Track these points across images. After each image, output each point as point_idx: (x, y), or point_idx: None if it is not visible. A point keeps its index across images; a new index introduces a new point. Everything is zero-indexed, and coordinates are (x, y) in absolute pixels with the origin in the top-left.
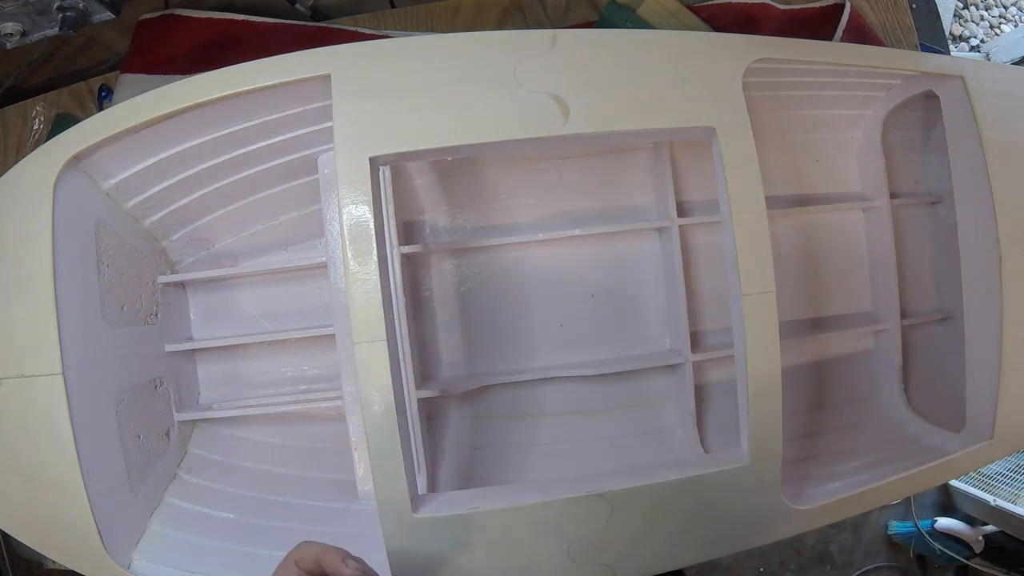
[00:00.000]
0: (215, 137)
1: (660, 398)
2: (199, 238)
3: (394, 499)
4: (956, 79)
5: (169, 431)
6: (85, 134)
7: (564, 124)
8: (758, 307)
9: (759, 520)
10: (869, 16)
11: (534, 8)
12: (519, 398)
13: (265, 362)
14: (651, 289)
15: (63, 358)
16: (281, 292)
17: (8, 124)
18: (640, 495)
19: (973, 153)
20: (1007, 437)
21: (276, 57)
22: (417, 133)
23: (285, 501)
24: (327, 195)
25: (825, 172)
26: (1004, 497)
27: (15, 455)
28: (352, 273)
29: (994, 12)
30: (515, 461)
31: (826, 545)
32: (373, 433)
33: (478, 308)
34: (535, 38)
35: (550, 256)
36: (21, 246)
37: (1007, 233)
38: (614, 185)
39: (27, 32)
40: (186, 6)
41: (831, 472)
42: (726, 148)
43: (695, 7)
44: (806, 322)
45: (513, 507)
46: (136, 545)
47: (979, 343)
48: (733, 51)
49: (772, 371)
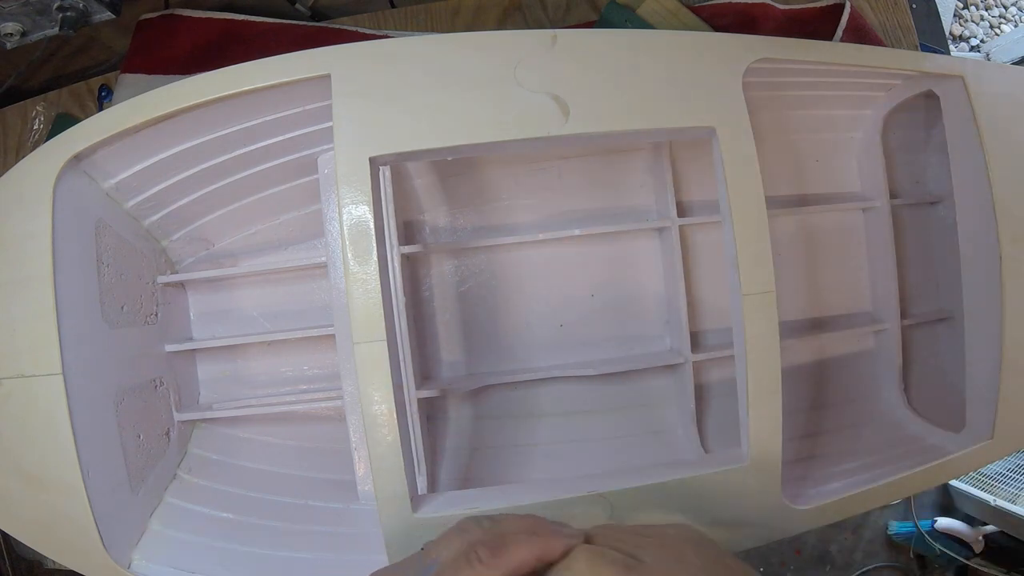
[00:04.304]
0: (215, 137)
1: (660, 398)
2: (199, 238)
3: (394, 499)
4: (956, 79)
5: (169, 431)
6: (85, 134)
7: (564, 124)
8: (758, 307)
9: (759, 520)
10: (869, 16)
11: (534, 8)
12: (519, 398)
13: (265, 362)
14: (651, 289)
15: (63, 358)
16: (281, 292)
17: (8, 124)
18: (640, 495)
19: (973, 153)
20: (1007, 437)
21: (276, 57)
22: (417, 133)
23: (285, 501)
24: (327, 195)
25: (825, 172)
26: (1004, 497)
27: (15, 455)
28: (352, 273)
29: (994, 12)
30: (515, 461)
31: (826, 545)
32: (373, 433)
33: (478, 308)
34: (535, 38)
35: (550, 256)
36: (21, 246)
37: (1007, 233)
38: (614, 185)
39: (27, 32)
40: (186, 6)
41: (831, 472)
42: (726, 148)
43: (695, 7)
44: (806, 322)
45: (513, 507)
46: (136, 545)
47: (979, 343)
48: (733, 51)
49: (772, 371)
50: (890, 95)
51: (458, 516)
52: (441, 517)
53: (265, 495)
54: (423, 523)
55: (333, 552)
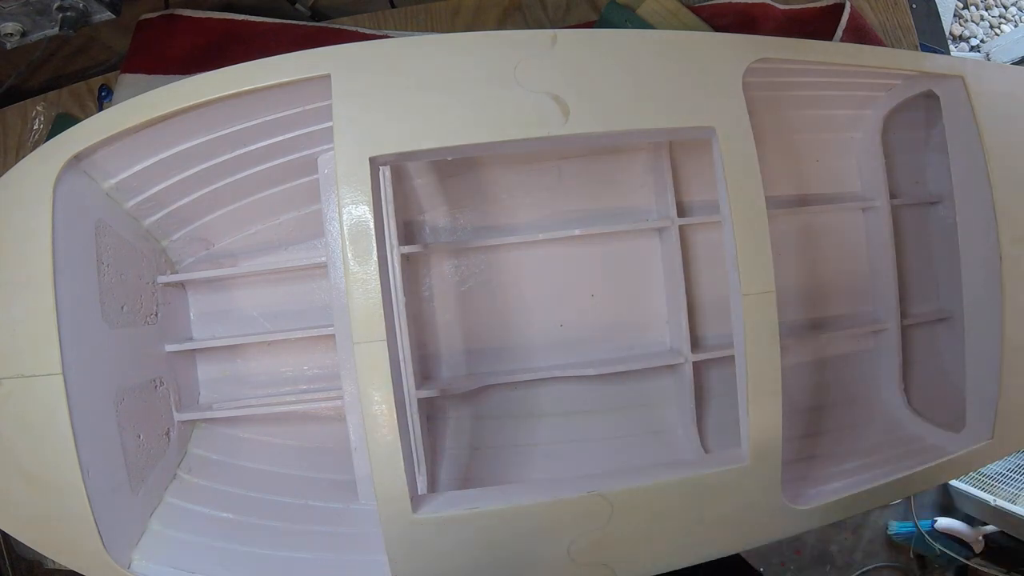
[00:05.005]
0: (215, 137)
1: (660, 398)
2: (199, 238)
3: (394, 499)
4: (956, 79)
5: (169, 431)
6: (85, 134)
7: (564, 124)
8: (758, 307)
9: (759, 520)
10: (869, 16)
11: (534, 8)
12: (519, 398)
13: (265, 362)
14: (651, 289)
15: (63, 358)
16: (281, 292)
17: (8, 124)
18: (640, 495)
19: (973, 153)
20: (1007, 437)
21: (276, 57)
22: (417, 133)
23: (285, 501)
24: (327, 195)
25: (825, 172)
26: (1004, 497)
27: (15, 455)
28: (352, 273)
29: (994, 12)
30: (515, 461)
31: (826, 545)
32: (373, 433)
33: (478, 308)
34: (535, 38)
35: (550, 256)
36: (21, 246)
37: (1007, 233)
38: (614, 185)
39: (27, 32)
40: (186, 6)
41: (831, 472)
42: (726, 148)
43: (695, 7)
44: (806, 322)
45: (513, 507)
46: (136, 545)
47: (979, 343)
48: (733, 51)
49: (772, 371)
50: (890, 95)
51: (458, 516)
52: (441, 517)
53: (265, 495)
54: (423, 523)
55: (333, 552)
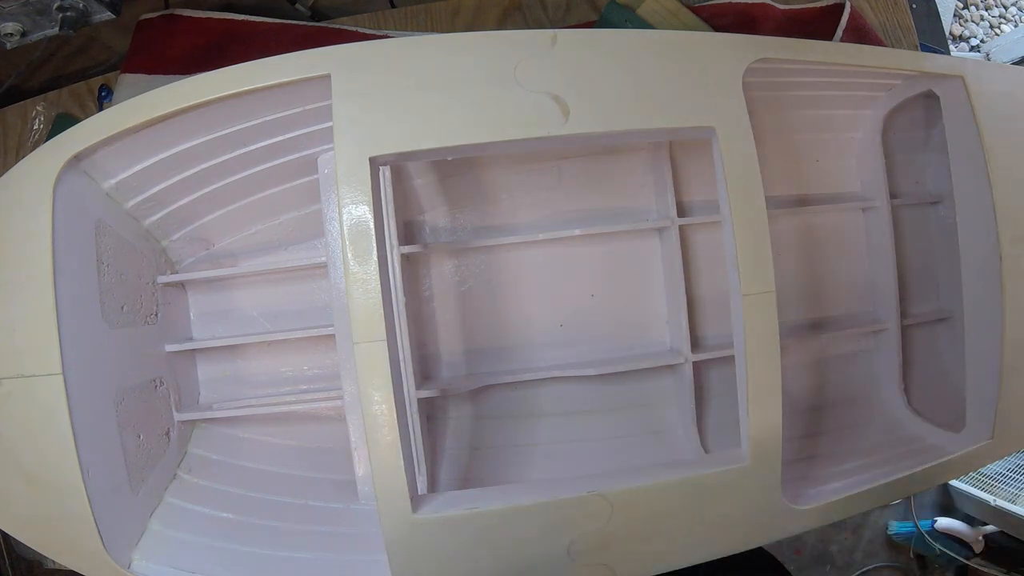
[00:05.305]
0: (215, 137)
1: (660, 398)
2: (199, 238)
3: (394, 499)
4: (956, 79)
5: (169, 431)
6: (85, 134)
7: (564, 124)
8: (758, 307)
9: (759, 520)
10: (869, 16)
11: (534, 8)
12: (519, 398)
13: (265, 362)
14: (651, 289)
15: (63, 358)
16: (281, 292)
17: (8, 124)
18: (640, 495)
19: (973, 153)
20: (1007, 437)
21: (276, 57)
22: (417, 133)
23: (285, 501)
24: (327, 195)
25: (825, 172)
26: (1004, 497)
27: (15, 455)
28: (352, 273)
29: (994, 12)
30: (515, 461)
31: (826, 545)
32: (373, 433)
33: (478, 308)
34: (535, 38)
35: (550, 256)
36: (21, 246)
37: (1007, 233)
38: (614, 185)
39: (27, 32)
40: (186, 6)
41: (831, 472)
42: (726, 148)
43: (695, 7)
44: (806, 322)
45: (513, 507)
46: (136, 545)
47: (979, 343)
48: (733, 51)
49: (772, 371)
50: (890, 95)
51: (458, 516)
52: (441, 517)
53: (265, 495)
54: (423, 523)
55: (333, 552)
